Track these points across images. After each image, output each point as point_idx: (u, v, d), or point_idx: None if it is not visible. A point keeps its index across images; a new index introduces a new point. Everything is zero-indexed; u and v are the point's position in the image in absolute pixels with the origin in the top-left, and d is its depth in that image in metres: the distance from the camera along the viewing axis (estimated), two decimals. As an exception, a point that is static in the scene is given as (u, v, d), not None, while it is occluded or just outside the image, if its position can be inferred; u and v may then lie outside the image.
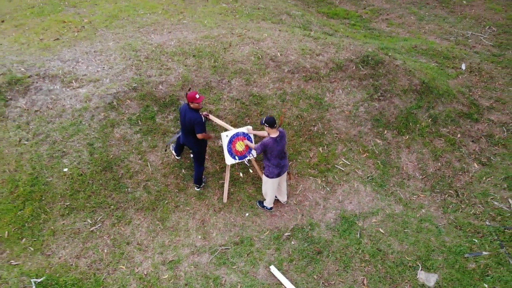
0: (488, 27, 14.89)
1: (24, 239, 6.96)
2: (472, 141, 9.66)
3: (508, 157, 9.46)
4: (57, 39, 9.54)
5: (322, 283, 6.90)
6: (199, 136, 7.07)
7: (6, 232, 7.00)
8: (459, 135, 9.64)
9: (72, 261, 6.76)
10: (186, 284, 6.71)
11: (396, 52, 11.60)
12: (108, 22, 10.39)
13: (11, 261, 6.72)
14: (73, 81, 8.31)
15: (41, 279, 6.52)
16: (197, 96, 6.90)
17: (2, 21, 10.92)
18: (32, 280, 6.49)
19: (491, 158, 9.42)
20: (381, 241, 7.62)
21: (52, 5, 11.54)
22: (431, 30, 14.43)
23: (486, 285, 7.12)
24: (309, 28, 11.35)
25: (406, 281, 7.07)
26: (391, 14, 15.64)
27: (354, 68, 9.54)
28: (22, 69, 8.54)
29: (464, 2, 16.85)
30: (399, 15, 15.60)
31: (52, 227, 7.07)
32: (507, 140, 9.81)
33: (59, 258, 6.79)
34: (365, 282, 6.97)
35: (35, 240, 6.94)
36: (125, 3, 11.60)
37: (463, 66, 11.76)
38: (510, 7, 16.65)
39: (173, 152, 8.07)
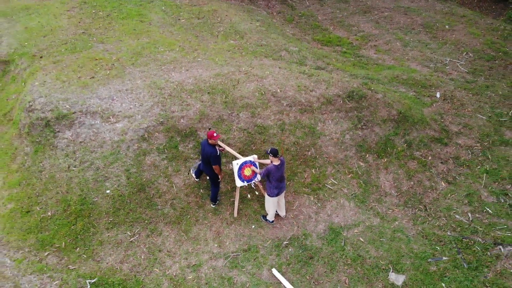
0: (465, 53, 16.73)
1: (78, 248, 8.83)
2: (441, 163, 11.53)
3: (470, 177, 11.33)
4: (93, 77, 11.37)
5: (313, 282, 8.78)
6: (214, 167, 8.92)
7: (63, 242, 8.88)
8: (430, 158, 11.51)
9: (117, 266, 8.64)
10: (206, 283, 8.59)
11: (379, 83, 13.45)
12: (134, 60, 12.23)
13: (69, 266, 8.60)
14: (111, 117, 10.17)
15: (94, 280, 8.40)
16: (215, 134, 8.75)
17: (41, 57, 12.73)
18: (87, 281, 8.37)
19: (456, 177, 11.30)
20: (361, 248, 9.50)
21: (83, 41, 13.36)
22: (414, 57, 16.27)
23: (443, 285, 9.00)
24: (305, 63, 13.18)
25: (380, 280, 8.95)
26: (379, 40, 17.46)
27: (341, 102, 11.40)
28: (67, 106, 10.39)
29: (447, 27, 18.66)
30: (386, 41, 17.42)
31: (99, 238, 8.94)
32: (471, 161, 11.68)
33: (107, 263, 8.67)
34: (347, 281, 8.85)
35: (86, 249, 8.82)
36: (146, 40, 13.42)
37: (438, 95, 13.61)
38: (488, 31, 18.45)
39: (193, 175, 9.92)
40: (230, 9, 16.30)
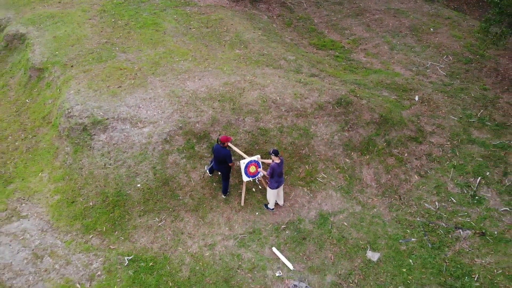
0: (446, 56, 18.65)
1: (116, 232, 10.99)
2: (415, 159, 13.63)
3: (440, 171, 13.44)
4: (120, 86, 13.36)
5: (305, 258, 10.96)
6: (230, 164, 11.03)
7: (104, 227, 11.03)
8: (406, 154, 13.60)
9: (149, 245, 10.81)
10: (220, 259, 10.77)
11: (366, 88, 15.43)
12: (153, 69, 14.19)
13: (110, 246, 10.76)
14: (138, 123, 12.22)
15: (131, 257, 10.58)
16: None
17: (72, 66, 14.69)
18: (125, 258, 10.55)
19: (428, 171, 13.41)
20: (344, 230, 11.66)
21: (107, 51, 15.29)
22: (399, 60, 18.21)
23: (411, 261, 11.19)
24: (301, 71, 15.14)
25: (359, 257, 11.14)
26: (369, 43, 19.35)
27: (331, 108, 13.42)
28: (101, 113, 12.42)
29: (431, 30, 20.51)
30: (375, 44, 19.31)
31: (133, 224, 11.09)
32: (441, 157, 13.77)
33: (140, 243, 10.84)
34: (332, 258, 11.04)
35: (123, 232, 10.98)
36: (163, 49, 15.35)
37: (416, 98, 15.61)
38: (470, 34, 20.30)
39: (207, 171, 12.01)
40: (235, 17, 18.15)
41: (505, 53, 18.91)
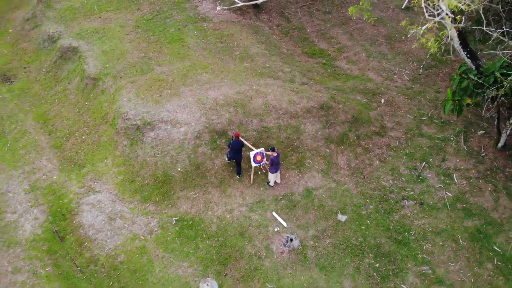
0: (411, 62, 23.27)
1: (165, 201, 15.97)
2: (378, 148, 18.50)
3: (395, 157, 18.33)
4: (160, 95, 18.09)
5: (295, 219, 15.97)
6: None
7: (157, 198, 16.00)
8: (371, 145, 18.47)
9: (188, 210, 15.82)
10: (236, 220, 15.77)
11: (343, 93, 20.16)
12: (183, 81, 18.90)
13: (162, 211, 15.76)
14: (177, 124, 17.04)
15: (176, 218, 15.60)
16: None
17: (120, 77, 19.36)
18: (173, 219, 15.57)
19: (386, 158, 18.30)
20: (323, 200, 16.65)
21: (146, 64, 19.93)
22: (373, 67, 22.86)
23: (368, 221, 16.21)
24: (294, 81, 19.85)
25: (332, 219, 16.13)
26: (350, 51, 23.94)
27: (316, 111, 18.22)
28: (149, 117, 17.23)
29: (403, 38, 25.03)
30: (355, 52, 23.91)
31: (177, 196, 16.07)
32: (397, 147, 18.64)
33: (182, 209, 15.84)
34: (313, 219, 16.06)
35: (170, 202, 15.96)
36: (189, 63, 20.00)
37: (382, 101, 20.36)
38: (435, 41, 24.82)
39: (226, 159, 16.90)
40: (242, 32, 22.68)
41: (461, 59, 23.48)
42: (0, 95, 20.87)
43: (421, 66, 20.37)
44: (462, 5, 12.23)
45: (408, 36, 19.98)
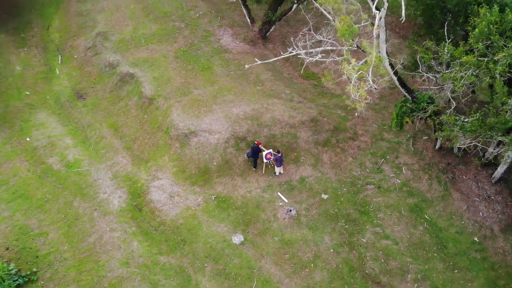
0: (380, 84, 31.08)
1: (207, 185, 23.96)
2: (351, 149, 26.44)
3: (363, 155, 26.28)
4: (199, 112, 25.99)
5: (293, 197, 23.95)
6: (260, 153, 23.87)
7: (201, 183, 24.00)
8: (346, 147, 26.41)
9: (223, 191, 23.79)
10: (254, 197, 23.75)
11: (328, 108, 28.04)
12: (214, 100, 26.76)
13: (205, 191, 23.76)
14: (212, 133, 24.98)
15: (215, 196, 23.61)
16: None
17: (169, 98, 27.22)
18: (212, 196, 23.58)
19: (357, 156, 26.25)
20: (312, 184, 24.61)
21: (187, 88, 27.77)
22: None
23: (342, 199, 24.21)
24: (293, 100, 27.71)
25: (318, 197, 24.12)
26: (335, 74, 31.75)
27: (308, 123, 26.13)
28: (193, 127, 25.16)
29: (376, 62, 32.81)
30: (339, 75, 31.70)
31: (214, 181, 24.04)
32: (365, 148, 26.56)
33: (218, 190, 23.82)
34: (305, 197, 24.04)
35: (210, 185, 23.95)
36: (217, 87, 27.85)
37: (356, 114, 28.23)
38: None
39: (246, 157, 24.83)
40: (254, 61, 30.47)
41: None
42: (78, 109, 28.78)
43: (375, 89, 28.05)
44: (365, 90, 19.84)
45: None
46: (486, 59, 19.17)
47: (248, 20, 33.50)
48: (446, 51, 20.78)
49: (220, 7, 35.89)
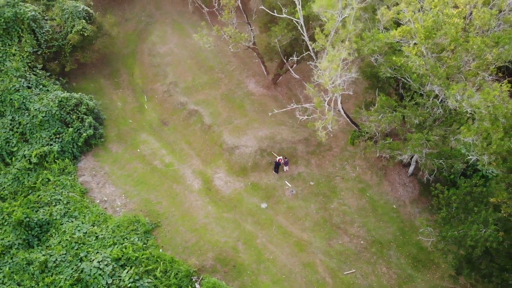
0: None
1: (245, 176, 43.00)
2: (328, 156, 45.30)
3: (335, 160, 45.19)
4: (239, 133, 44.93)
5: (294, 184, 42.87)
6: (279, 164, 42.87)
7: (242, 175, 43.03)
8: (325, 154, 45.29)
9: (255, 180, 42.80)
10: (272, 184, 42.64)
11: (314, 133, 46.92)
12: (247, 127, 45.60)
13: (245, 180, 42.77)
14: (247, 147, 43.93)
15: (250, 182, 42.66)
16: (281, 158, 42.68)
17: (220, 125, 46.17)
18: (249, 183, 42.62)
19: (331, 160, 45.13)
20: (305, 177, 43.46)
21: (230, 119, 46.63)
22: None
23: (322, 184, 43.15)
24: (293, 126, 46.58)
25: (308, 184, 43.05)
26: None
27: (303, 140, 45.02)
28: (236, 144, 44.19)
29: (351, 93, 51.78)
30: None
31: (249, 175, 43.02)
32: (336, 155, 45.42)
33: (253, 179, 42.87)
34: (301, 184, 42.96)
35: (247, 176, 42.97)
36: (247, 119, 46.74)
37: (331, 134, 47.05)
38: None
39: (274, 171, 43.77)
40: (270, 100, 49.33)
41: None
42: (165, 131, 47.76)
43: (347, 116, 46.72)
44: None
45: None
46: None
47: (265, 72, 52.37)
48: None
49: (246, 61, 54.78)
